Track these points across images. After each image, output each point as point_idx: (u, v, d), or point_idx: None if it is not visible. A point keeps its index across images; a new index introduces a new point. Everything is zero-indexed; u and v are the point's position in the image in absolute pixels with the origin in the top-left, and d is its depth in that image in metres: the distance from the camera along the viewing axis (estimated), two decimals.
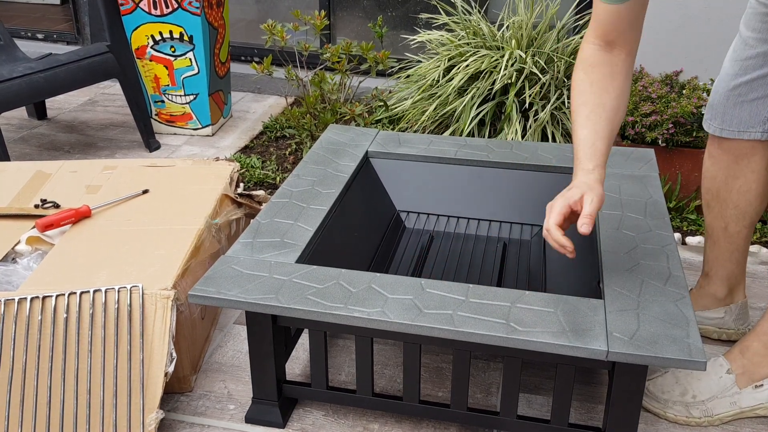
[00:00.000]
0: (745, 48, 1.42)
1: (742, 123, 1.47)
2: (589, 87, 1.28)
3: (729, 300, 1.65)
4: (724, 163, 1.53)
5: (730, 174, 1.53)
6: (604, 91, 1.27)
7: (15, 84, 2.32)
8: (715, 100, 1.51)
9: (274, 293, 1.27)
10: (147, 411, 1.33)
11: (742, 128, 1.47)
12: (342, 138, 1.88)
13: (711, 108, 1.52)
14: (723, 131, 1.50)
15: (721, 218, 1.57)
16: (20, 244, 1.57)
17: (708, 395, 1.44)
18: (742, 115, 1.46)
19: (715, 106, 1.50)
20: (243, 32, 3.60)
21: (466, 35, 2.60)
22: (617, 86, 1.28)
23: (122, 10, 2.63)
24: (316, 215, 1.52)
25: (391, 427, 1.44)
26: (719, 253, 1.61)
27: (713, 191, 1.57)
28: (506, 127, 2.38)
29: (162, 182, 1.80)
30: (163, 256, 1.50)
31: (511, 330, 1.18)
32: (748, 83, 1.43)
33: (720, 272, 1.63)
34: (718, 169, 1.54)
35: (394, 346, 1.66)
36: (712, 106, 1.52)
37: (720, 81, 1.50)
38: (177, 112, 2.82)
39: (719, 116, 1.50)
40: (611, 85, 1.28)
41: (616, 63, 1.28)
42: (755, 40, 1.40)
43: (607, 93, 1.27)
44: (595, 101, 1.27)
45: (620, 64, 1.29)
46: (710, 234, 1.62)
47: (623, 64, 1.29)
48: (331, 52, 2.52)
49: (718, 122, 1.51)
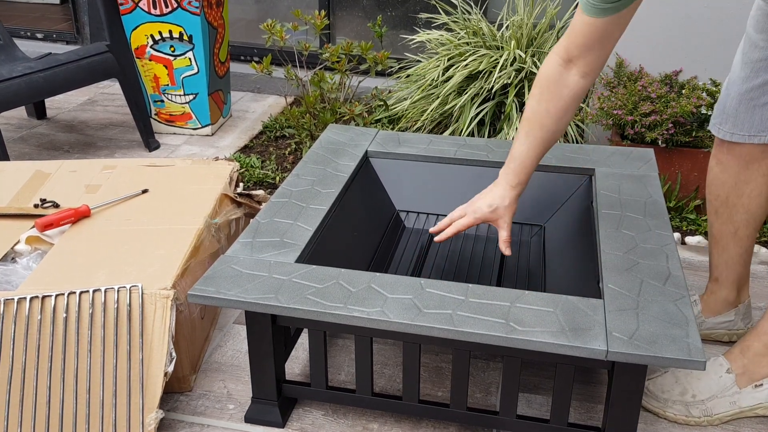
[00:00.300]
0: (754, 50, 1.39)
1: (754, 127, 1.44)
2: (537, 104, 1.40)
3: (737, 301, 1.65)
4: (734, 168, 1.50)
5: (740, 179, 1.49)
6: (546, 113, 1.39)
7: (14, 84, 2.32)
8: (726, 103, 1.47)
9: (274, 293, 1.27)
10: (146, 411, 1.33)
11: (754, 132, 1.44)
12: (341, 138, 1.88)
13: (722, 112, 1.48)
14: (734, 135, 1.46)
15: (731, 223, 1.54)
16: (20, 243, 1.57)
17: (708, 395, 1.44)
18: (754, 119, 1.43)
19: (727, 110, 1.46)
20: (243, 32, 3.60)
21: (466, 35, 2.60)
22: (560, 107, 1.38)
23: (122, 10, 2.63)
24: (315, 215, 1.52)
25: (390, 426, 1.44)
26: (728, 258, 1.58)
27: (722, 197, 1.53)
28: (506, 127, 2.38)
29: (161, 182, 1.80)
30: (163, 256, 1.50)
31: (511, 330, 1.18)
32: (760, 87, 1.40)
33: (730, 276, 1.60)
34: (728, 175, 1.51)
35: (394, 346, 1.66)
36: (723, 110, 1.48)
37: (731, 84, 1.46)
38: (176, 111, 2.82)
39: (730, 120, 1.46)
40: (555, 106, 1.38)
41: (567, 84, 1.36)
42: (765, 41, 1.37)
43: (549, 116, 1.39)
44: (538, 120, 1.40)
45: (571, 86, 1.36)
46: (718, 240, 1.58)
47: (574, 85, 1.36)
48: (331, 52, 2.52)
49: (728, 126, 1.47)
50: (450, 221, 1.54)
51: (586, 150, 1.81)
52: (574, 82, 1.35)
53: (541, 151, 1.43)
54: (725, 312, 1.65)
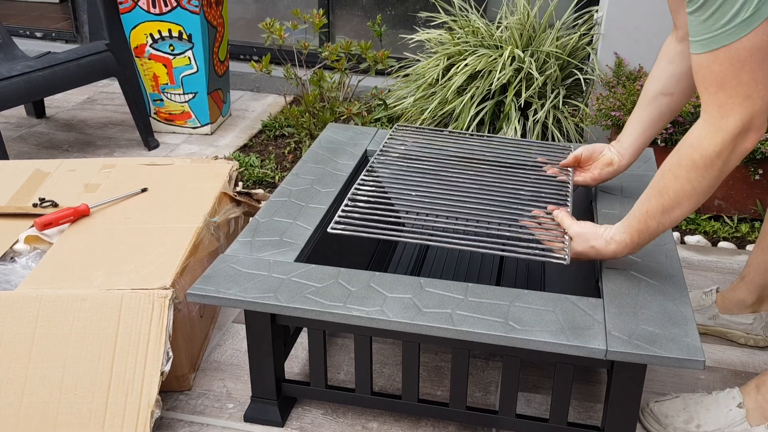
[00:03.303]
0: None
1: None
2: (649, 76, 1.44)
3: (757, 307, 1.63)
4: None
5: None
6: (651, 79, 1.42)
7: (13, 82, 2.32)
8: None
9: (273, 292, 1.27)
10: (142, 410, 1.33)
11: None
12: (341, 137, 1.88)
13: None
14: None
15: None
16: (18, 243, 1.57)
17: (714, 427, 1.38)
18: None
19: None
20: (242, 31, 3.59)
21: (465, 34, 2.60)
22: (658, 73, 1.41)
23: (121, 9, 2.63)
24: (315, 214, 1.52)
25: (389, 425, 1.44)
26: (763, 261, 1.57)
27: None
28: (505, 126, 2.38)
29: (161, 181, 1.80)
30: (162, 255, 1.50)
31: (510, 329, 1.18)
32: None
33: (756, 279, 1.59)
34: None
35: (393, 345, 1.66)
36: None
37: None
38: (176, 110, 2.82)
39: None
40: (655, 72, 1.42)
41: (668, 50, 1.40)
42: None
43: (652, 82, 1.42)
44: (645, 89, 1.44)
45: (669, 50, 1.39)
46: (761, 240, 1.57)
47: (670, 46, 1.39)
48: (330, 50, 2.52)
49: None
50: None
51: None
52: (672, 46, 1.39)
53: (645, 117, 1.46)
54: (741, 313, 1.65)
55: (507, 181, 1.55)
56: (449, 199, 1.49)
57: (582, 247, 1.31)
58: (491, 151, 1.67)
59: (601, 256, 1.31)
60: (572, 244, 1.32)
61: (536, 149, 1.69)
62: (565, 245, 1.32)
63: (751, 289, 1.61)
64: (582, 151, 1.56)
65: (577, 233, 1.32)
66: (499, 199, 1.49)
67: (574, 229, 1.33)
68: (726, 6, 0.99)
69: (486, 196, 1.50)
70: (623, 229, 1.27)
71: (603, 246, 1.29)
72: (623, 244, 1.27)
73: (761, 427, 1.36)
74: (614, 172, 1.53)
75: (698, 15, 1.03)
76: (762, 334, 1.65)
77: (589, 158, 1.56)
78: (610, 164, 1.52)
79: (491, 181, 1.55)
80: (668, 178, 1.17)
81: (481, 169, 1.59)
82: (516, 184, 1.54)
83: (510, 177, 1.56)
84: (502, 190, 1.53)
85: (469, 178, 1.56)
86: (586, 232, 1.31)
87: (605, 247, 1.29)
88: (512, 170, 1.59)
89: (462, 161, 1.62)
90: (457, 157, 1.63)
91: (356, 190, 1.48)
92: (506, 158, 1.64)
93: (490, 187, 1.53)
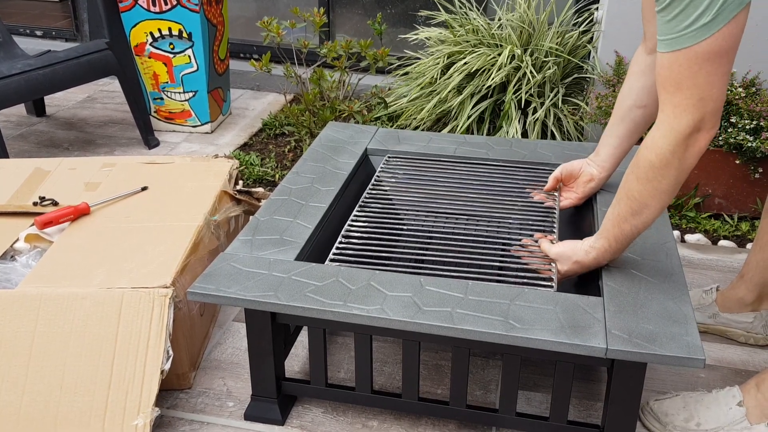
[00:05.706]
0: None
1: None
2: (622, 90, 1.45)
3: (757, 305, 1.63)
4: None
5: None
6: (624, 93, 1.44)
7: (14, 81, 2.32)
8: None
9: (273, 290, 1.27)
10: (142, 408, 1.33)
11: None
12: (341, 135, 1.88)
13: None
14: None
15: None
16: (19, 241, 1.57)
17: (714, 425, 1.38)
18: None
19: None
20: (242, 29, 3.59)
21: (465, 32, 2.60)
22: (630, 85, 1.43)
23: (121, 7, 2.62)
24: (315, 212, 1.52)
25: (390, 424, 1.44)
26: (761, 259, 1.57)
27: None
28: (505, 125, 2.38)
29: (161, 179, 1.80)
30: (162, 253, 1.50)
31: (510, 327, 1.18)
32: None
33: (755, 278, 1.60)
34: None
35: (394, 344, 1.66)
36: None
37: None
38: (176, 109, 2.81)
39: None
40: (627, 85, 1.44)
41: (638, 61, 1.41)
42: None
43: (624, 96, 1.44)
44: (618, 102, 1.46)
45: (639, 61, 1.41)
46: (759, 238, 1.57)
47: (639, 58, 1.41)
48: (329, 48, 2.52)
49: None
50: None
51: (586, 148, 1.81)
52: (642, 59, 1.39)
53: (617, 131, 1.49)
54: (741, 312, 1.64)
55: (495, 211, 1.59)
56: (440, 232, 1.53)
57: (566, 266, 1.35)
58: (479, 179, 1.70)
59: (585, 267, 1.34)
60: (557, 266, 1.36)
61: (523, 173, 1.73)
62: (552, 272, 1.35)
63: (751, 287, 1.61)
64: (561, 172, 1.60)
65: (557, 254, 1.36)
66: (489, 229, 1.54)
67: (554, 251, 1.37)
68: (689, 9, 1.02)
69: (476, 227, 1.55)
70: (601, 235, 1.30)
71: (584, 257, 1.33)
72: (602, 249, 1.30)
73: (761, 426, 1.37)
74: (596, 186, 1.58)
75: (664, 15, 1.05)
76: (762, 333, 1.65)
77: (570, 176, 1.60)
78: (591, 180, 1.58)
79: (480, 211, 1.59)
80: (631, 180, 1.21)
81: (470, 198, 1.63)
82: (504, 212, 1.58)
83: (498, 206, 1.60)
84: (491, 219, 1.57)
85: (459, 208, 1.60)
86: (566, 250, 1.35)
87: (585, 256, 1.32)
88: (501, 197, 1.63)
89: (451, 191, 1.66)
90: (446, 187, 1.68)
91: (349, 227, 1.51)
92: (495, 185, 1.68)
93: (480, 216, 1.58)
